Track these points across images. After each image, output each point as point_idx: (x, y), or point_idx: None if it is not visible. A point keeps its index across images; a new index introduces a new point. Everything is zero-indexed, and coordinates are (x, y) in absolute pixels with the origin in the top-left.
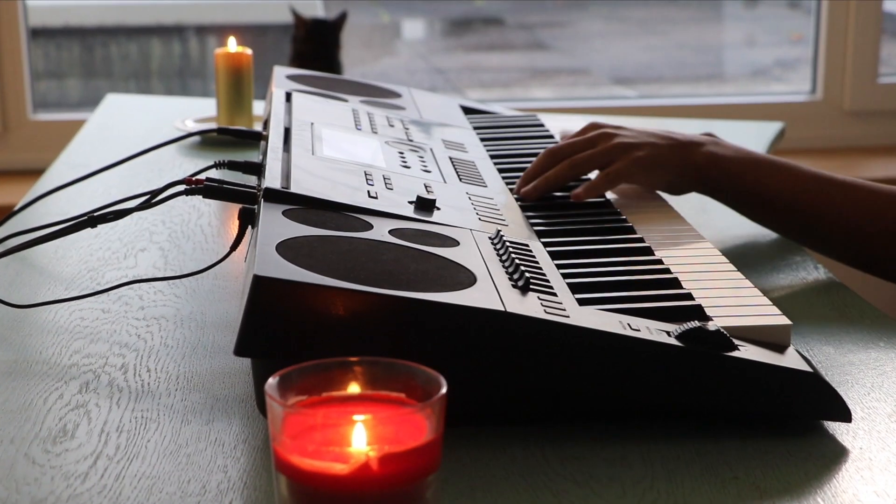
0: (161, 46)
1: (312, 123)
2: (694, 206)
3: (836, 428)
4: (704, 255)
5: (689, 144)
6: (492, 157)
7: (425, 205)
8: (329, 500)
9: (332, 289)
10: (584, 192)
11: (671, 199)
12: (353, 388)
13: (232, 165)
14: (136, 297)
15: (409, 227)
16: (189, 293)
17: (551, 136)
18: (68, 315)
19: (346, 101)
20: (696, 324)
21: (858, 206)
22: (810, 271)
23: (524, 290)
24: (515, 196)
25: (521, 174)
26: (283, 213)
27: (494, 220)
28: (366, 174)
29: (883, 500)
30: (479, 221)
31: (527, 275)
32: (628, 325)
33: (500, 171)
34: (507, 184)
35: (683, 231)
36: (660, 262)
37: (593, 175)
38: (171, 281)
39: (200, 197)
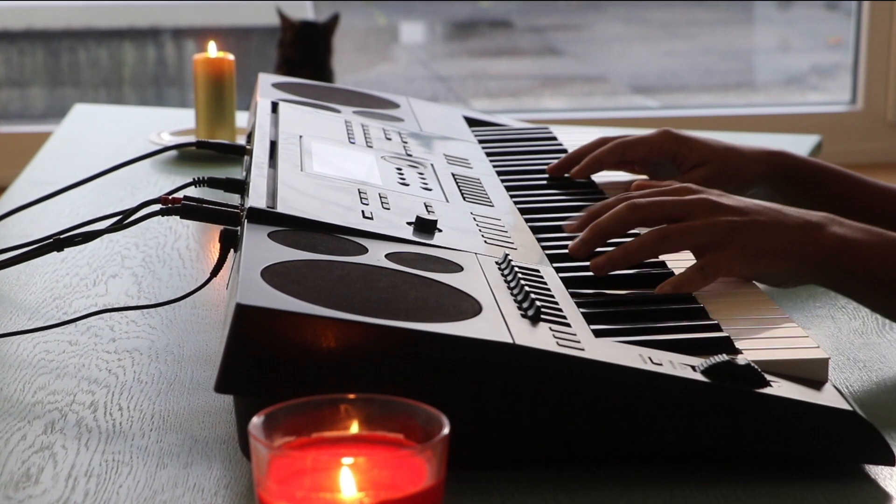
0: (134, 51)
1: (301, 136)
2: None
3: (879, 472)
4: (733, 282)
5: (808, 227)
6: (499, 173)
7: (425, 226)
8: None
9: (322, 319)
10: (672, 289)
11: None
12: (347, 429)
13: (212, 183)
14: (107, 328)
15: (408, 250)
16: (165, 324)
17: (564, 151)
18: (32, 348)
19: (338, 111)
20: (724, 357)
21: None
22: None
23: (534, 320)
24: (568, 251)
25: (530, 192)
26: (269, 235)
27: (502, 243)
28: (360, 192)
29: None
30: (484, 244)
31: (537, 303)
32: (649, 358)
33: (508, 189)
34: (516, 202)
35: None
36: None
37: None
38: (145, 310)
39: (178, 217)
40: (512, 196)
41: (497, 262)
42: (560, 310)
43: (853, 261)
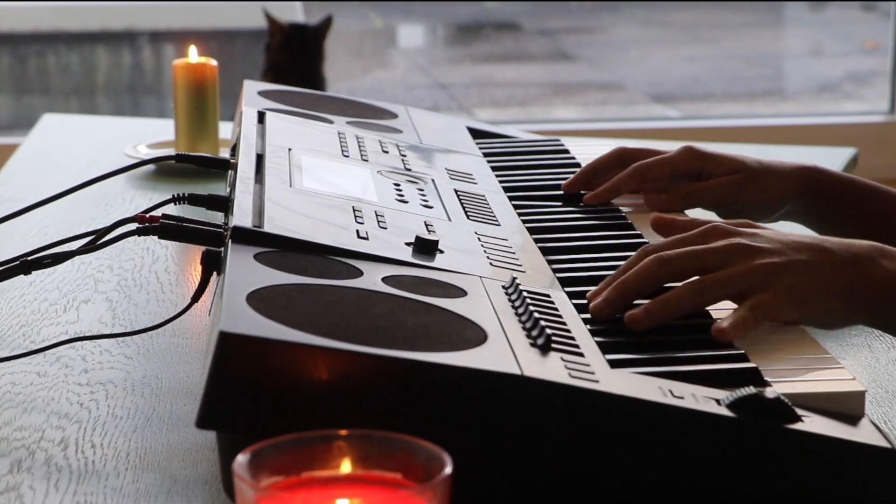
0: (108, 56)
1: (290, 149)
2: None
3: None
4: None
5: (856, 262)
6: (505, 189)
7: (426, 247)
8: None
9: (313, 348)
10: (731, 331)
11: None
12: (340, 467)
13: (193, 200)
14: (79, 358)
15: (407, 273)
16: (142, 353)
17: (577, 165)
18: None
19: (330, 122)
20: (751, 390)
21: None
22: None
23: (545, 349)
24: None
25: (540, 210)
26: (255, 256)
27: (509, 266)
28: (354, 210)
29: None
30: (490, 267)
31: (548, 331)
32: (670, 391)
33: (516, 206)
34: (524, 221)
35: None
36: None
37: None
38: (120, 338)
39: (156, 237)
40: (520, 214)
41: (504, 286)
42: (572, 338)
43: None
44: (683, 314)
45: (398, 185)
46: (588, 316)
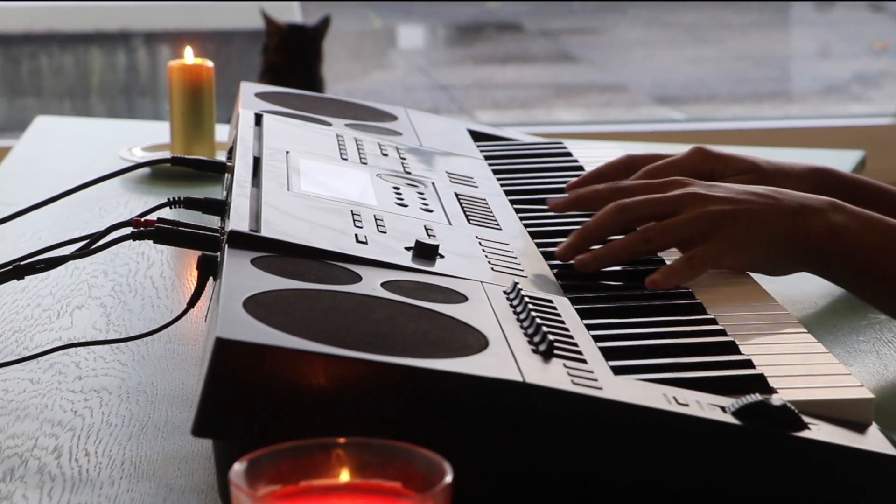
0: (102, 58)
1: (288, 152)
2: None
3: None
4: (767, 312)
5: (801, 211)
6: (507, 193)
7: (426, 252)
8: None
9: (311, 354)
10: (662, 280)
11: None
12: (338, 476)
13: (189, 203)
14: (73, 365)
15: (406, 278)
16: (137, 360)
17: (580, 168)
18: None
19: (329, 124)
20: (757, 397)
21: None
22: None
23: (547, 355)
24: (555, 261)
25: (542, 214)
26: (252, 261)
27: (510, 271)
28: (353, 214)
29: None
30: (491, 272)
31: (550, 337)
32: (674, 398)
33: (518, 210)
34: (526, 225)
35: (741, 283)
36: (713, 321)
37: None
38: (114, 345)
39: (151, 242)
40: (522, 218)
41: (505, 292)
42: (575, 344)
43: (840, 250)
44: (630, 259)
45: (398, 188)
46: (591, 321)
